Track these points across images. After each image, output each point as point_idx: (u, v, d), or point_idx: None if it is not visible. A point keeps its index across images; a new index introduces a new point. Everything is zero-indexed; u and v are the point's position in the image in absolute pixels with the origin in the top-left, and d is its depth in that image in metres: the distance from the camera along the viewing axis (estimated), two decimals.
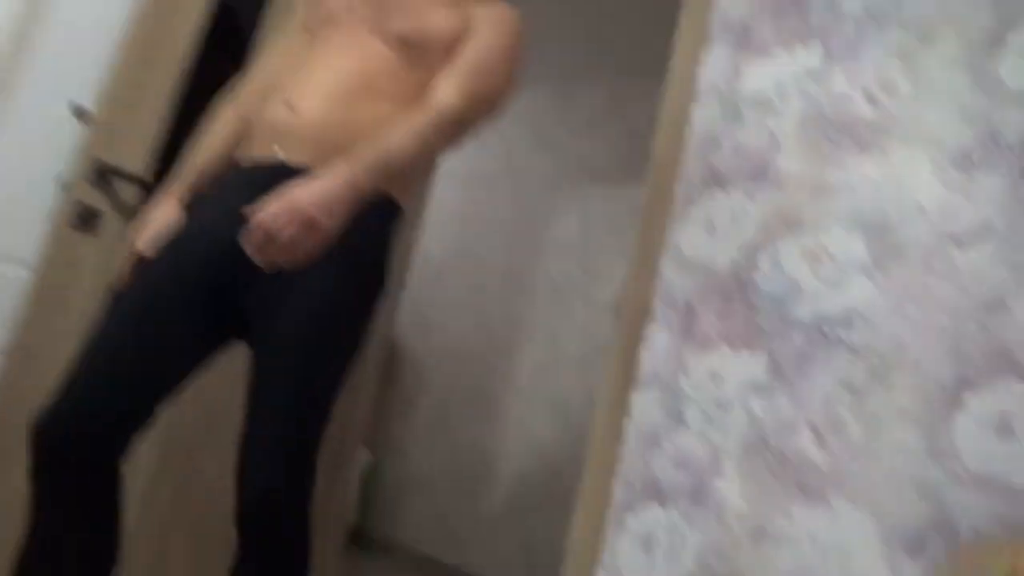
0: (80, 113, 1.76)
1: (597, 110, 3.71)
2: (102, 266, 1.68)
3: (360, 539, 3.71)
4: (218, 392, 1.86)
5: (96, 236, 1.66)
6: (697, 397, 1.51)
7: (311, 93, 1.26)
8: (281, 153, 1.23)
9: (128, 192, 1.70)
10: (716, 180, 1.64)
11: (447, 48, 1.32)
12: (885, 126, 1.47)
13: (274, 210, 1.06)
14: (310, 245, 1.09)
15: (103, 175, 1.65)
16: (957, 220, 1.35)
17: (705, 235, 1.61)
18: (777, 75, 1.63)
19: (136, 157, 1.72)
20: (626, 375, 1.59)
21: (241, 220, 1.19)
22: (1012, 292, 1.27)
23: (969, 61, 1.41)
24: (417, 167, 1.23)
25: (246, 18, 1.96)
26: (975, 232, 1.32)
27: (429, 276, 4.03)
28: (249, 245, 1.07)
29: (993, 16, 1.41)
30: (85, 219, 1.65)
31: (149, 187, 1.74)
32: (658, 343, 1.59)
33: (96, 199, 1.66)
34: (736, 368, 1.48)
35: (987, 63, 1.40)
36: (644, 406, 1.56)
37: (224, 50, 1.89)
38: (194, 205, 1.28)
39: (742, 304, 1.52)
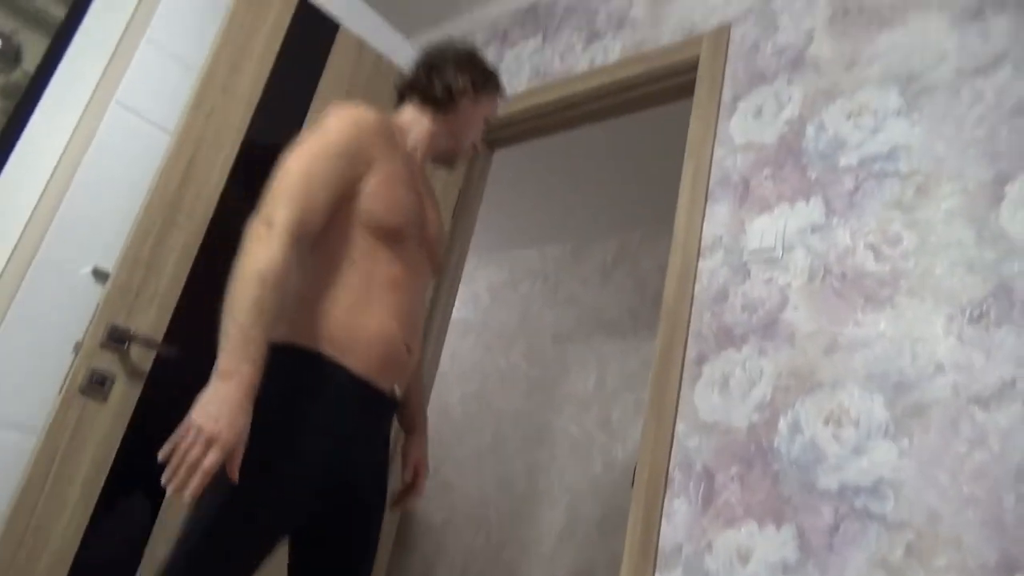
0: (100, 276, 1.80)
1: (609, 263, 3.76)
2: (109, 434, 1.66)
3: None
4: None
5: (105, 403, 1.65)
6: None
7: (415, 334, 1.42)
8: (398, 389, 1.46)
9: (141, 356, 1.70)
10: (728, 337, 1.60)
11: None
12: (893, 280, 1.45)
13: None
14: None
15: (117, 338, 1.66)
16: (979, 379, 1.29)
17: (720, 395, 1.56)
18: (780, 230, 1.64)
19: (151, 320, 1.74)
20: (646, 551, 1.49)
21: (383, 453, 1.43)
22: None
23: (971, 214, 1.40)
24: None
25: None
26: (999, 391, 1.26)
27: (447, 434, 3.95)
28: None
29: (989, 169, 1.42)
30: (96, 384, 1.63)
31: (161, 351, 1.74)
32: (678, 515, 1.50)
33: (108, 363, 1.65)
34: (763, 545, 1.38)
35: (988, 215, 1.38)
36: None
37: (251, 197, 1.96)
38: (322, 420, 1.28)
39: (763, 472, 1.43)
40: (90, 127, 1.86)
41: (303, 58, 2.16)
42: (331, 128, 1.35)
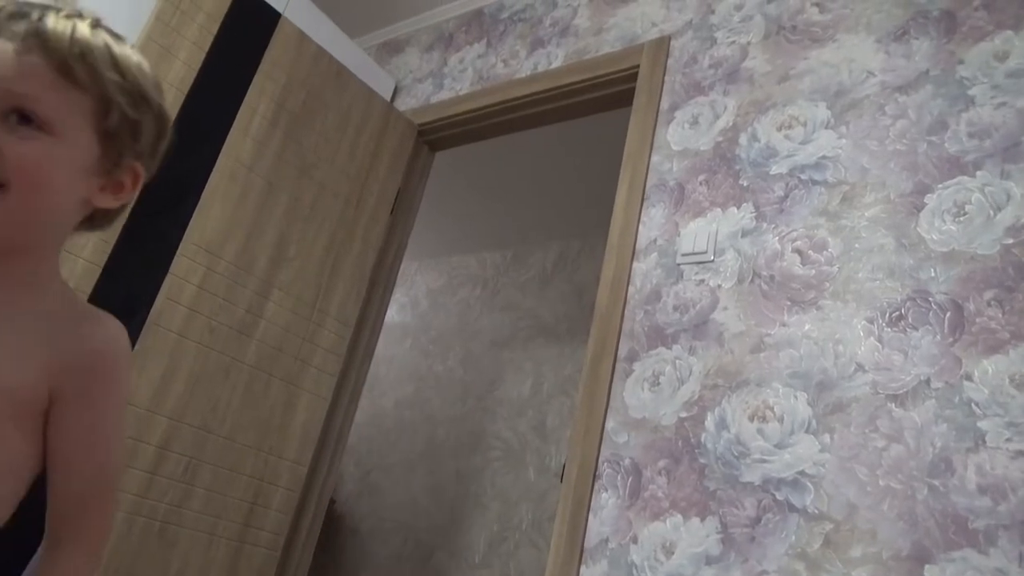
0: None
1: (548, 270, 3.78)
2: None
3: None
4: None
5: None
6: (648, 570, 1.40)
7: None
8: None
9: None
10: (659, 336, 1.62)
11: None
12: (818, 283, 1.49)
13: None
14: None
15: None
16: (896, 378, 1.33)
17: (650, 392, 1.57)
18: (712, 233, 1.67)
19: None
20: (573, 545, 1.48)
21: None
22: (958, 453, 1.23)
23: (892, 222, 1.46)
24: None
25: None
26: (915, 389, 1.30)
27: (378, 440, 3.89)
28: None
29: (909, 181, 1.47)
30: None
31: None
32: (605, 509, 1.50)
33: None
34: (687, 537, 1.39)
35: (908, 224, 1.44)
36: None
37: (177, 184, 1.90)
38: None
39: (690, 467, 1.45)
40: None
41: (241, 46, 2.11)
42: None
